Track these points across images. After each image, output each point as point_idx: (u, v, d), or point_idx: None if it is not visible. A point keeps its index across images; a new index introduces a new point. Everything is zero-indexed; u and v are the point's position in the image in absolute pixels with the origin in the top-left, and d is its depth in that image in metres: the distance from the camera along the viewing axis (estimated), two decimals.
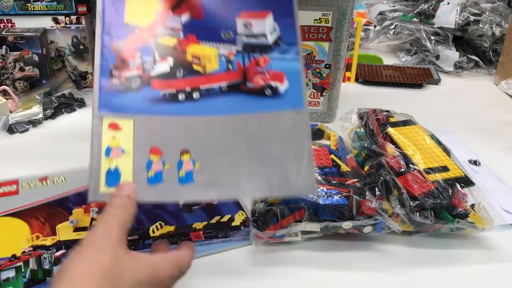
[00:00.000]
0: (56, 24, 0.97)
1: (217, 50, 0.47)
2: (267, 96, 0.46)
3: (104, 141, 0.43)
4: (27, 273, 0.52)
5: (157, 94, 0.46)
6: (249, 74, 0.46)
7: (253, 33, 0.46)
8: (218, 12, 0.47)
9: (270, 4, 0.46)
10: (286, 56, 0.46)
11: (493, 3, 1.23)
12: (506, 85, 1.10)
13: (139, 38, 0.47)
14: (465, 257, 0.56)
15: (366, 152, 0.65)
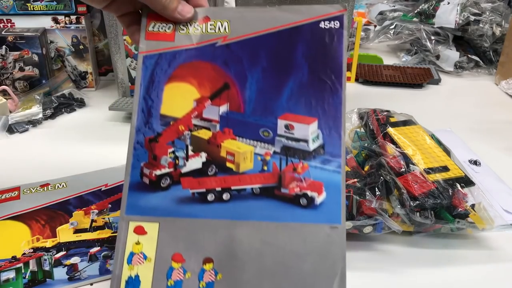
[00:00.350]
0: (56, 24, 0.97)
1: (254, 148, 0.44)
2: (301, 206, 0.42)
3: (128, 247, 0.42)
4: (27, 274, 0.52)
5: (186, 194, 0.43)
6: (285, 179, 0.43)
7: (294, 137, 0.43)
8: (260, 108, 0.44)
9: (317, 111, 0.43)
10: (327, 166, 0.42)
11: (493, 3, 1.23)
12: (507, 85, 1.10)
13: (173, 132, 0.45)
14: (465, 257, 0.56)
15: (366, 152, 0.65)
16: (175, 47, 0.46)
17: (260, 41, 0.45)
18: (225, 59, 0.45)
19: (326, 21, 0.44)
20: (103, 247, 0.56)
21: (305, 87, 0.43)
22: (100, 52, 1.05)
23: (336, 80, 0.42)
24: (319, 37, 0.43)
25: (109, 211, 0.62)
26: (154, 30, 0.46)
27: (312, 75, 0.43)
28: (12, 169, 0.74)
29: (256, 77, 0.45)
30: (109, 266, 0.53)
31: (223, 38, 0.45)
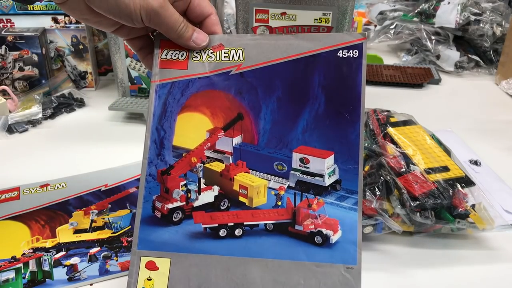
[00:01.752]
0: (55, 24, 0.97)
1: (268, 182, 0.43)
2: (316, 244, 0.40)
3: (139, 283, 0.41)
4: (26, 274, 0.52)
5: (198, 229, 0.43)
6: (299, 215, 0.41)
7: (309, 171, 0.42)
8: (274, 140, 0.43)
9: (334, 144, 0.41)
10: (343, 203, 0.41)
11: (494, 2, 1.23)
12: (507, 85, 1.09)
13: (186, 164, 0.44)
14: (466, 257, 0.56)
15: (366, 152, 0.65)
16: (188, 75, 0.45)
17: (275, 70, 0.43)
18: (239, 88, 0.44)
19: (345, 50, 0.42)
20: (102, 248, 0.56)
21: (322, 119, 0.41)
22: (100, 52, 1.05)
23: (353, 112, 0.40)
24: (336, 67, 0.41)
25: (109, 211, 0.62)
26: (167, 58, 0.46)
27: (329, 107, 0.41)
28: (11, 169, 0.74)
29: (271, 107, 0.43)
30: (109, 266, 0.53)
31: (237, 66, 0.44)
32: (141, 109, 0.87)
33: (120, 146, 0.79)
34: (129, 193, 0.65)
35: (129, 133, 0.85)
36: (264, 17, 0.81)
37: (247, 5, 0.81)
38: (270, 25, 0.82)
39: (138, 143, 0.81)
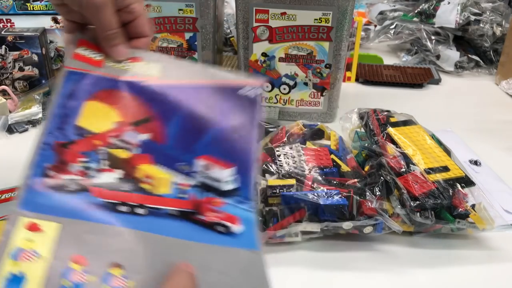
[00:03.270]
0: (55, 24, 0.97)
1: (171, 176, 0.43)
2: (219, 232, 0.41)
3: (14, 241, 0.38)
4: None
5: (96, 200, 0.40)
6: (202, 208, 0.42)
7: (210, 176, 0.44)
8: (181, 147, 0.44)
9: (233, 158, 0.44)
10: (241, 206, 0.43)
11: (494, 2, 1.23)
12: (507, 85, 1.09)
13: (88, 143, 0.43)
14: (466, 257, 0.56)
15: (366, 152, 0.65)
16: (102, 74, 0.45)
17: (186, 89, 0.46)
18: (152, 97, 0.45)
19: (246, 88, 0.46)
20: None
21: (224, 139, 0.44)
22: None
23: (249, 136, 0.45)
24: (238, 100, 0.46)
25: None
26: (83, 54, 0.46)
27: (231, 130, 0.45)
28: (11, 169, 0.74)
29: (180, 119, 0.45)
30: None
31: (152, 79, 0.46)
32: None
33: None
34: None
35: None
36: (264, 17, 0.81)
37: (247, 5, 0.81)
38: (270, 25, 0.82)
39: None
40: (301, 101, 0.90)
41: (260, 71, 0.87)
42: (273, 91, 0.89)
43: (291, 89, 0.89)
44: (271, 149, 0.64)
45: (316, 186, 0.56)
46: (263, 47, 0.84)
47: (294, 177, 0.58)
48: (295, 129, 0.70)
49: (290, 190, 0.56)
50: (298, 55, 0.84)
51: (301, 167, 0.60)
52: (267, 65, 0.86)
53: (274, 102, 0.90)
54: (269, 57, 0.85)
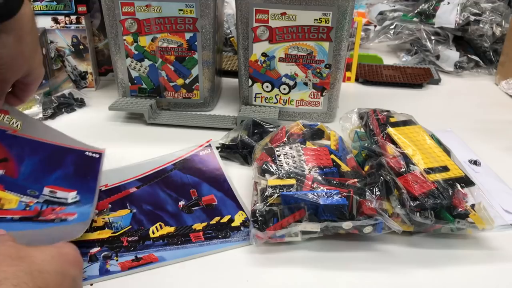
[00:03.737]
0: (55, 24, 0.97)
1: (20, 197, 0.58)
2: (55, 222, 0.57)
3: None
4: None
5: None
6: (44, 213, 0.58)
7: (56, 196, 0.61)
8: (31, 180, 0.60)
9: (77, 186, 0.62)
10: (81, 207, 0.60)
11: (494, 3, 1.23)
12: (507, 85, 1.10)
13: None
14: (466, 257, 0.56)
15: (366, 152, 0.65)
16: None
17: (41, 144, 0.64)
18: (10, 143, 0.60)
19: (90, 152, 0.69)
20: (103, 248, 0.56)
21: (69, 176, 0.63)
22: (100, 52, 1.05)
23: (92, 177, 0.65)
24: (84, 157, 0.68)
25: (109, 211, 0.62)
26: None
27: (76, 173, 0.64)
28: None
29: (33, 161, 0.61)
30: (109, 266, 0.53)
31: (13, 130, 0.60)
32: (141, 109, 0.87)
33: (120, 146, 0.79)
34: (129, 193, 0.65)
35: (129, 133, 0.85)
36: (264, 17, 0.82)
37: (247, 5, 0.81)
38: (270, 25, 0.82)
39: (138, 143, 0.81)
40: (301, 101, 0.90)
41: (260, 71, 0.87)
42: (273, 91, 0.89)
43: (291, 89, 0.89)
44: (271, 149, 0.65)
45: (316, 186, 0.56)
46: (263, 47, 0.85)
47: (294, 177, 0.58)
48: (295, 129, 0.70)
49: (290, 190, 0.56)
50: (298, 55, 0.84)
51: (301, 167, 0.60)
52: (267, 65, 0.86)
53: (274, 102, 0.91)
54: (269, 57, 0.85)
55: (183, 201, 0.64)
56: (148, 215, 0.61)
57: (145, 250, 0.56)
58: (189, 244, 0.57)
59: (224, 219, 0.61)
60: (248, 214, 0.61)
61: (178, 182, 0.68)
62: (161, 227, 0.59)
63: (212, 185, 0.67)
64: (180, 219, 0.61)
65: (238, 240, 0.58)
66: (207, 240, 0.57)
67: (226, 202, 0.64)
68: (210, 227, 0.59)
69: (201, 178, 0.69)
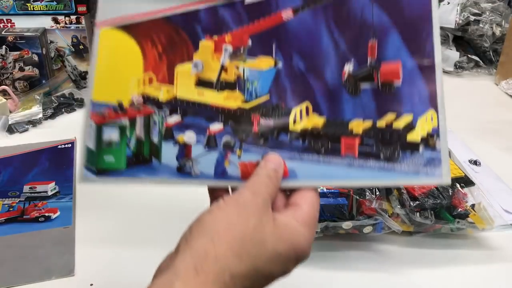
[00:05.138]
0: (56, 24, 0.97)
1: (2, 202, 0.63)
2: (40, 222, 0.61)
3: None
4: (131, 141, 0.39)
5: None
6: (27, 211, 0.62)
7: (36, 191, 0.65)
8: (10, 183, 0.66)
9: (54, 177, 0.67)
10: (62, 200, 0.64)
11: (493, 3, 1.23)
12: (506, 85, 1.09)
13: None
14: (465, 257, 0.56)
15: None
16: None
17: (11, 157, 0.74)
18: None
19: (62, 144, 0.74)
20: (226, 127, 0.38)
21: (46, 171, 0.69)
22: None
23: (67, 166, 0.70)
24: (57, 150, 0.73)
25: (247, 53, 0.39)
26: None
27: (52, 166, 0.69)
28: None
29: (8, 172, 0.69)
30: (228, 165, 0.38)
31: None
32: None
33: None
34: (280, 22, 0.39)
35: None
36: None
37: None
38: None
39: None
40: None
41: None
42: None
43: None
44: None
45: None
46: None
47: None
48: None
49: None
50: None
51: None
52: None
53: None
54: None
55: (352, 64, 0.38)
56: (296, 81, 0.38)
57: (276, 149, 0.38)
58: (334, 159, 0.37)
59: (399, 121, 0.37)
60: (442, 115, 0.39)
61: (357, 15, 0.38)
62: (307, 113, 0.38)
63: (405, 39, 0.38)
64: (336, 103, 0.38)
65: (406, 172, 0.36)
66: (362, 159, 0.37)
67: (416, 83, 0.37)
68: (373, 133, 0.37)
69: (394, 19, 0.38)
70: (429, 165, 0.36)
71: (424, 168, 0.36)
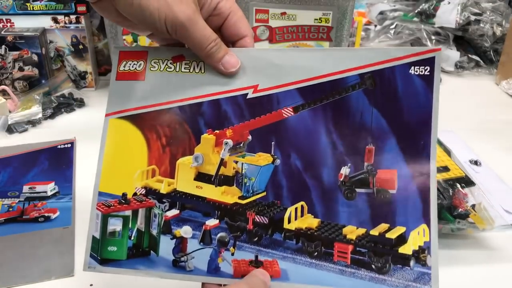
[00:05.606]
0: (55, 24, 0.97)
1: (2, 202, 0.63)
2: (40, 222, 0.60)
3: None
4: (133, 232, 0.41)
5: None
6: (27, 211, 0.62)
7: (36, 191, 0.65)
8: (9, 183, 0.66)
9: (53, 177, 0.67)
10: (61, 200, 0.63)
11: (494, 2, 1.23)
12: (507, 85, 1.09)
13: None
14: (466, 257, 0.56)
15: None
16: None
17: (9, 158, 0.72)
18: None
19: (62, 144, 0.73)
20: (221, 222, 0.40)
21: (45, 171, 0.69)
22: (100, 52, 1.05)
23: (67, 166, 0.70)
24: (56, 150, 0.73)
25: (246, 148, 0.41)
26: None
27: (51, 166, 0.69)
28: None
29: (8, 172, 0.68)
30: (221, 262, 0.39)
31: None
32: None
33: None
34: (281, 118, 0.40)
35: None
36: (264, 17, 0.81)
37: (247, 5, 0.81)
38: (270, 25, 0.82)
39: None
40: None
41: None
42: None
43: None
44: None
45: None
46: (263, 46, 0.84)
47: None
48: None
49: None
50: None
51: None
52: None
53: None
54: None
55: (348, 167, 0.38)
56: (293, 179, 0.39)
57: (270, 249, 0.39)
58: (326, 264, 0.38)
59: (393, 232, 0.37)
60: (434, 230, 0.37)
61: (356, 117, 0.39)
62: (302, 213, 0.39)
63: (402, 147, 0.38)
64: (331, 206, 0.39)
65: (396, 285, 0.36)
66: (353, 267, 0.37)
67: (410, 196, 0.37)
68: (367, 241, 0.38)
69: (392, 125, 0.38)
70: (419, 281, 0.36)
71: (414, 283, 0.36)
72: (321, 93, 0.39)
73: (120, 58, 0.45)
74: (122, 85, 0.44)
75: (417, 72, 0.38)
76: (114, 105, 0.44)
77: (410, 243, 0.36)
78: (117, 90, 0.44)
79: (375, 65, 0.38)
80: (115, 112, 0.43)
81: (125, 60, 0.44)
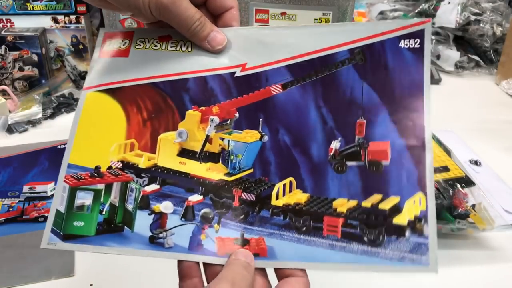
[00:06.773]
0: (55, 24, 0.97)
1: (2, 202, 0.64)
2: (40, 222, 0.61)
3: None
4: (105, 207, 0.38)
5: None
6: (27, 211, 0.62)
7: (36, 191, 0.65)
8: (9, 183, 0.67)
9: (54, 177, 0.63)
10: None
11: (494, 2, 1.23)
12: (507, 85, 1.09)
13: None
14: (466, 257, 0.56)
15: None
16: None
17: (10, 158, 0.74)
18: None
19: (62, 144, 0.72)
20: (206, 198, 0.38)
21: (45, 171, 0.69)
22: None
23: None
24: (56, 150, 0.74)
25: (233, 125, 0.40)
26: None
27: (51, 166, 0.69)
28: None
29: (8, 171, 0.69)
30: (204, 238, 0.36)
31: None
32: None
33: None
34: (269, 95, 0.39)
35: None
36: (264, 17, 0.81)
37: (247, 5, 0.81)
38: (270, 25, 0.82)
39: None
40: None
41: None
42: None
43: None
44: None
45: None
46: None
47: None
48: None
49: None
50: None
51: None
52: None
53: None
54: None
55: (339, 141, 0.37)
56: (282, 154, 0.38)
57: (256, 227, 0.37)
58: (316, 239, 0.36)
59: (386, 203, 0.35)
60: (431, 198, 0.34)
61: (346, 92, 0.38)
62: (290, 188, 0.38)
63: (395, 120, 0.37)
64: (321, 180, 0.37)
65: (391, 257, 0.34)
66: (344, 241, 0.35)
67: (405, 164, 0.36)
68: (358, 213, 0.36)
69: (384, 98, 0.37)
70: (416, 251, 0.34)
71: (410, 254, 0.33)
72: (311, 69, 0.38)
73: (104, 38, 0.43)
74: (104, 61, 0.42)
75: (407, 45, 0.37)
76: (93, 80, 0.41)
77: (405, 213, 0.34)
78: (99, 66, 0.42)
79: (364, 40, 0.38)
80: (94, 86, 0.41)
81: (110, 39, 0.43)
